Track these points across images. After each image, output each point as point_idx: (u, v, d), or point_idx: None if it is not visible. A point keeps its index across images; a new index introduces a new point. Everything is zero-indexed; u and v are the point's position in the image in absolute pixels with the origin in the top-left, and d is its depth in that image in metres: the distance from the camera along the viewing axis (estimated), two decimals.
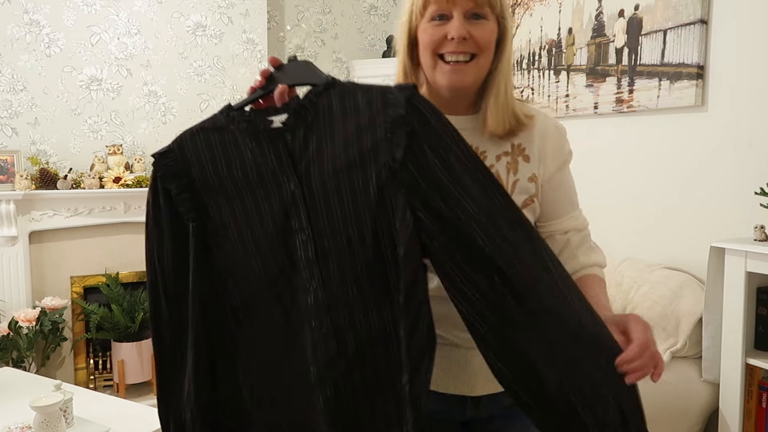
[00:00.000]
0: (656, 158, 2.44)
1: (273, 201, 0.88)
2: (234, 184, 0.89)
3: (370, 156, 0.85)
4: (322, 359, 0.87)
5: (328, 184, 0.86)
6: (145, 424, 1.94)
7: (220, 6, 3.56)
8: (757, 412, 1.90)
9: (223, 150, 0.90)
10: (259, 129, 0.88)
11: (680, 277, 2.20)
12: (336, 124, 0.87)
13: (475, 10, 0.94)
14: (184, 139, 0.92)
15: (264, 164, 0.88)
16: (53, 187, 3.11)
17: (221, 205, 0.90)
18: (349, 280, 0.86)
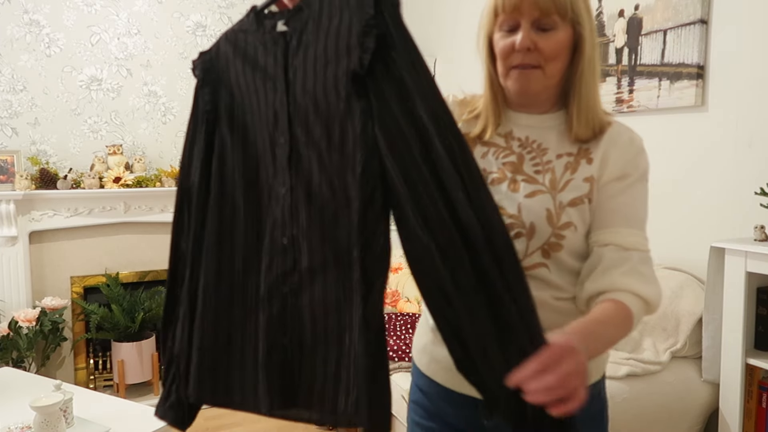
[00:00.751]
0: (656, 158, 2.43)
1: (269, 101, 0.91)
2: (246, 81, 0.94)
3: (343, 61, 0.84)
4: (275, 272, 0.90)
5: (307, 90, 0.87)
6: (145, 424, 1.94)
7: (220, 6, 3.56)
8: (757, 412, 1.90)
9: (243, 49, 0.95)
10: (266, 30, 0.92)
11: (680, 277, 2.20)
12: (322, 25, 0.86)
13: (542, 19, 0.94)
14: (220, 40, 1.00)
15: (268, 66, 0.92)
16: (53, 187, 3.11)
17: (236, 99, 0.95)
18: (313, 192, 0.87)
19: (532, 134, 1.02)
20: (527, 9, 0.93)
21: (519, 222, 0.97)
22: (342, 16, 0.84)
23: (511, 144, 1.03)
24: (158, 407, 1.06)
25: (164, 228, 3.45)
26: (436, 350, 1.06)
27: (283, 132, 0.89)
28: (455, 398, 1.04)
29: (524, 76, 0.97)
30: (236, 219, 0.95)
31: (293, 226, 0.89)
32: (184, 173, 0.99)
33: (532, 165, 1.00)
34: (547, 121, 1.03)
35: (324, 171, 0.86)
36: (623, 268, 0.92)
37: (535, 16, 0.93)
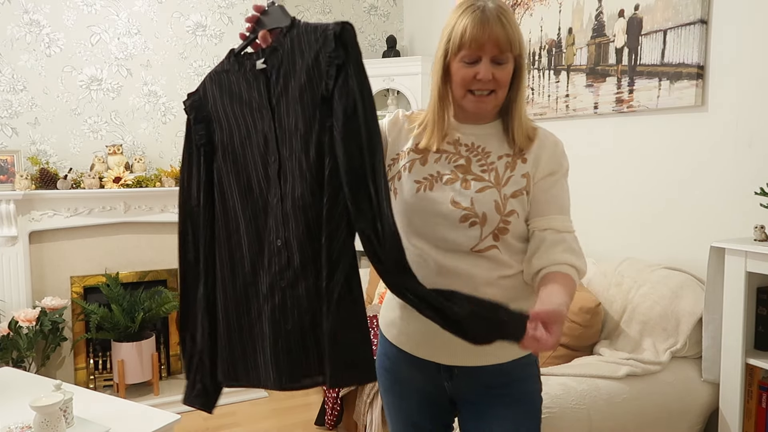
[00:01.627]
0: (656, 158, 2.44)
1: (258, 129, 1.09)
2: (234, 114, 1.12)
3: (315, 87, 1.02)
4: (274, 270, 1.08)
5: (290, 114, 1.04)
6: (145, 424, 1.94)
7: (220, 6, 3.56)
8: (757, 412, 1.90)
9: (228, 89, 1.13)
10: (247, 70, 1.10)
11: (680, 277, 2.20)
12: (296, 61, 1.04)
13: (499, 56, 1.15)
14: (205, 81, 1.17)
15: (253, 99, 1.09)
16: (53, 187, 3.11)
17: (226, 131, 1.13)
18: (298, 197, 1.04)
19: (476, 140, 1.24)
20: (489, 47, 1.13)
21: (473, 213, 1.19)
22: (310, 52, 1.02)
23: (459, 149, 1.24)
24: (186, 397, 1.24)
25: (164, 228, 3.45)
26: (404, 324, 1.28)
27: (273, 152, 1.06)
28: (421, 364, 1.28)
29: (482, 100, 1.18)
30: (240, 231, 1.12)
31: (285, 230, 1.07)
32: (185, 196, 1.17)
33: (478, 166, 1.22)
34: (488, 129, 1.26)
35: (305, 180, 1.04)
36: (561, 246, 1.18)
37: (494, 53, 1.14)
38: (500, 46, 1.13)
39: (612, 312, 2.32)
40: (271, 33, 1.09)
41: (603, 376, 1.97)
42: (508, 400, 1.26)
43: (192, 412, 3.16)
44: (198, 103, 1.16)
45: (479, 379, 1.26)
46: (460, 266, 1.19)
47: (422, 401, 1.35)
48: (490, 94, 1.18)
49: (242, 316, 1.14)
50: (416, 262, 1.22)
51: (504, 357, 1.25)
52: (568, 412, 1.83)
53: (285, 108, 1.05)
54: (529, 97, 3.05)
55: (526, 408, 1.28)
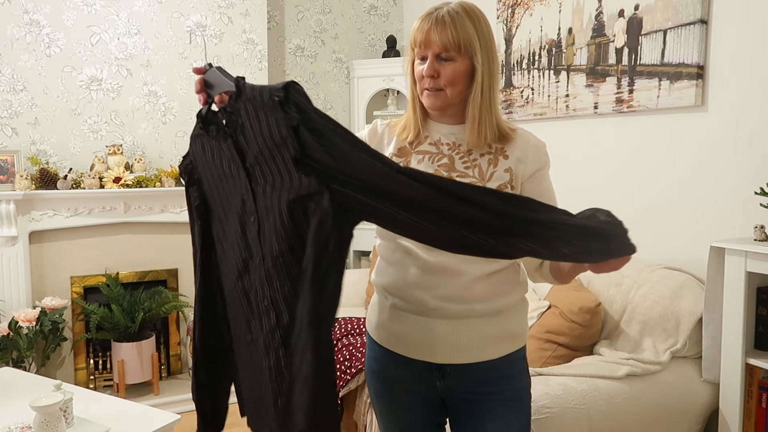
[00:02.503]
0: (656, 158, 2.44)
1: (237, 191, 1.07)
2: (214, 177, 1.12)
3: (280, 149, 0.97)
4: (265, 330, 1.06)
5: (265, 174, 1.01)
6: (145, 424, 1.94)
7: (220, 6, 3.56)
8: (757, 412, 1.90)
9: (203, 151, 1.13)
10: (214, 134, 1.08)
11: (680, 277, 2.20)
12: (255, 123, 1.00)
13: (443, 53, 1.20)
14: (191, 143, 1.17)
15: (225, 160, 1.08)
16: (53, 187, 3.11)
17: (213, 193, 1.14)
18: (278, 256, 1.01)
19: (457, 139, 1.28)
20: (432, 45, 1.20)
21: None
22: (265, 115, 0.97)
23: (441, 149, 1.27)
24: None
25: (164, 228, 3.45)
26: (393, 325, 1.30)
27: (252, 212, 1.05)
28: (412, 365, 1.29)
29: (432, 96, 1.24)
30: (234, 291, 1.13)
31: (270, 289, 1.04)
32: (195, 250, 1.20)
33: (461, 163, 1.25)
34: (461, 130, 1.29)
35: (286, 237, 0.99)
36: None
37: (437, 51, 1.20)
38: (442, 43, 1.19)
39: (612, 312, 2.32)
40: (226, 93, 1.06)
41: (603, 376, 1.97)
42: (500, 397, 1.27)
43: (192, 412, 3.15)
44: (190, 167, 1.18)
45: (471, 376, 1.27)
46: (449, 263, 1.21)
47: (414, 403, 1.35)
48: (439, 90, 1.23)
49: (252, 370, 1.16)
50: (403, 261, 1.25)
51: (494, 353, 1.27)
52: (568, 412, 1.83)
53: (260, 169, 1.01)
54: (529, 97, 3.05)
55: (518, 405, 1.30)
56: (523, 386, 1.32)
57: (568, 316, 2.25)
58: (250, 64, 3.65)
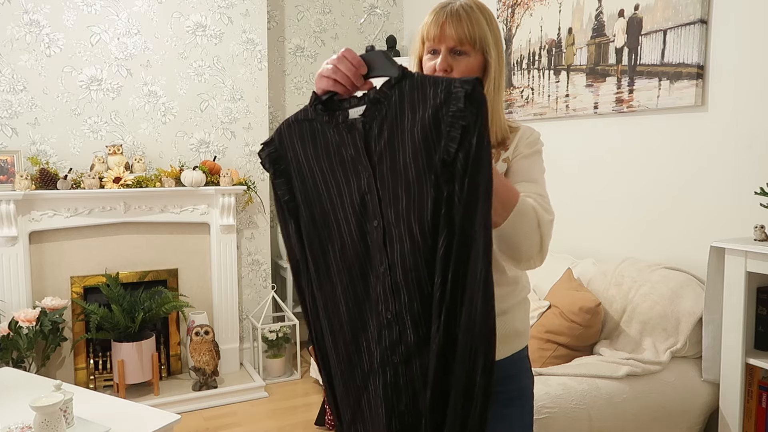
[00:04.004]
0: (656, 158, 2.44)
1: (353, 187, 0.98)
2: (321, 169, 1.01)
3: (432, 148, 0.91)
4: (384, 344, 0.97)
5: (397, 174, 0.93)
6: (145, 424, 1.94)
7: (220, 6, 3.56)
8: (757, 412, 1.90)
9: (312, 139, 1.02)
10: (339, 121, 0.99)
11: (680, 277, 2.20)
12: (406, 116, 0.93)
13: (457, 47, 1.17)
14: (282, 130, 1.06)
15: (345, 152, 0.98)
16: (53, 187, 3.11)
17: (311, 187, 1.02)
18: (410, 268, 0.93)
19: None
20: (446, 39, 1.17)
21: None
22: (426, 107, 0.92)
23: None
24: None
25: (164, 228, 3.45)
26: None
27: (375, 215, 0.96)
28: None
29: None
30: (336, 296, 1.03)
31: (396, 303, 0.96)
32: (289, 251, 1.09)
33: None
34: None
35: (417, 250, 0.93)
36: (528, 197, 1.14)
37: (451, 45, 1.17)
38: (457, 37, 1.17)
39: (612, 312, 2.32)
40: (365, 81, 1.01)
41: (603, 376, 1.97)
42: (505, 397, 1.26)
43: (192, 412, 3.16)
44: (275, 155, 1.06)
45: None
46: None
47: None
48: None
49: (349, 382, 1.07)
50: None
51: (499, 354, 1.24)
52: (568, 412, 1.83)
53: (389, 166, 0.94)
54: (529, 97, 3.05)
55: (523, 404, 1.30)
56: (526, 385, 1.32)
57: (568, 316, 2.25)
58: (250, 64, 3.65)
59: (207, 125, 3.58)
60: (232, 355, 3.60)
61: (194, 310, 3.53)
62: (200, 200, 3.45)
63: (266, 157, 1.06)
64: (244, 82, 3.64)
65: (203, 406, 3.21)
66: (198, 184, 3.35)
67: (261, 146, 1.08)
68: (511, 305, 1.28)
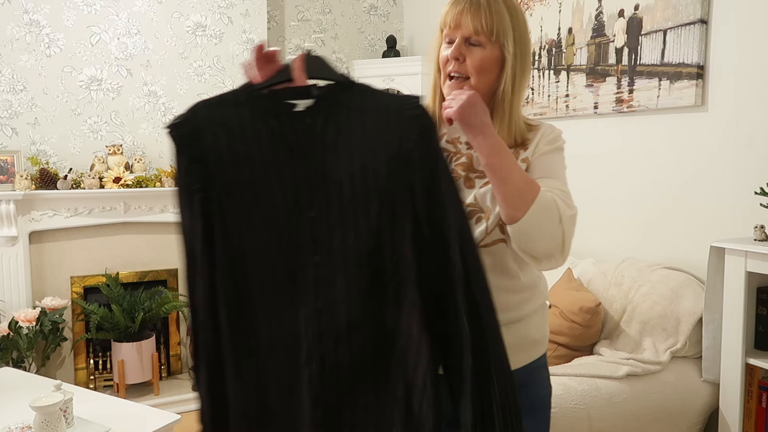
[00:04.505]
0: (656, 158, 2.44)
1: (285, 178, 0.92)
2: (248, 158, 0.92)
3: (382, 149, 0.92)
4: (312, 334, 0.91)
5: (343, 171, 0.91)
6: (145, 424, 1.94)
7: (220, 6, 3.56)
8: (757, 412, 1.90)
9: (240, 125, 0.93)
10: (281, 109, 0.93)
11: (680, 277, 2.20)
12: (355, 120, 0.93)
13: (473, 37, 1.13)
14: (198, 110, 0.94)
15: (280, 143, 0.92)
16: (53, 187, 3.11)
17: (232, 178, 0.92)
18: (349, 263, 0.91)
19: None
20: (462, 27, 1.13)
21: (477, 207, 1.15)
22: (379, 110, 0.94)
23: (459, 148, 1.21)
24: None
25: (164, 228, 3.45)
26: None
27: (312, 206, 0.91)
28: None
29: (456, 84, 1.16)
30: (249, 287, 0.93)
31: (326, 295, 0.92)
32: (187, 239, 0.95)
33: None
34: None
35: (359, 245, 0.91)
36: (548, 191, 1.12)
37: (466, 34, 1.13)
38: (473, 27, 1.12)
39: (612, 312, 2.32)
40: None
41: (603, 376, 1.97)
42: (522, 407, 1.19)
43: (192, 412, 3.16)
44: (189, 138, 0.93)
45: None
46: None
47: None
48: (465, 80, 1.15)
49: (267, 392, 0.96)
50: None
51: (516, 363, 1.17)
52: (568, 412, 1.83)
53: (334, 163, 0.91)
54: (529, 97, 3.05)
55: (539, 415, 1.25)
56: (544, 395, 1.26)
57: (568, 316, 2.25)
58: None
59: None
60: None
61: None
62: None
63: (178, 137, 0.94)
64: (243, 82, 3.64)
65: None
66: None
67: (170, 126, 0.94)
68: (528, 313, 1.22)
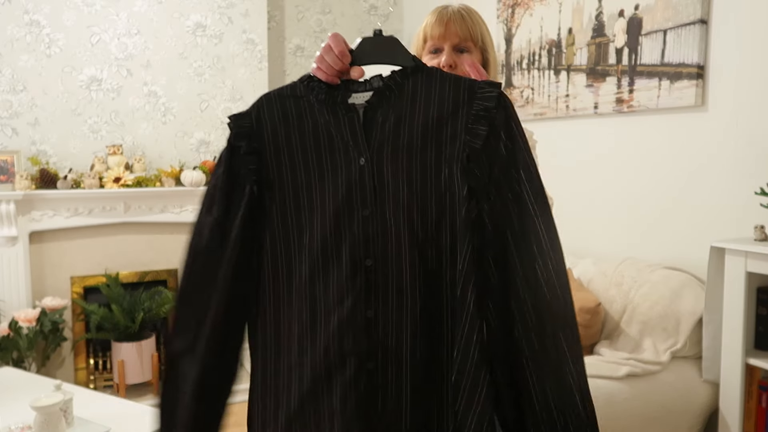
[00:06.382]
0: (656, 158, 2.44)
1: (339, 173, 0.89)
2: (304, 151, 0.91)
3: (447, 143, 0.87)
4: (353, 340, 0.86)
5: (400, 165, 0.88)
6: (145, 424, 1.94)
7: (220, 6, 3.55)
8: (757, 412, 1.90)
9: (298, 118, 0.92)
10: (338, 102, 0.91)
11: (680, 277, 2.20)
12: (418, 108, 0.89)
13: (461, 44, 1.23)
14: (261, 104, 0.94)
15: (337, 136, 0.90)
16: (53, 187, 3.11)
17: (287, 170, 0.91)
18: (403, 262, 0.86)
19: None
20: (449, 36, 1.23)
21: None
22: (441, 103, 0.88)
23: None
24: None
25: (164, 228, 3.45)
26: None
27: (366, 204, 0.88)
28: None
29: None
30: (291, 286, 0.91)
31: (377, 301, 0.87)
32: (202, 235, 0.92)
33: None
34: None
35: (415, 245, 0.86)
36: None
37: (455, 42, 1.23)
38: (459, 34, 1.23)
39: (612, 312, 2.32)
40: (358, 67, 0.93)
41: (603, 376, 1.97)
42: None
43: None
44: (249, 131, 0.93)
45: None
46: None
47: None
48: None
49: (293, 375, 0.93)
50: None
51: None
52: None
53: (390, 156, 0.88)
54: (529, 97, 3.05)
55: None
56: None
57: None
58: (250, 64, 3.65)
59: (207, 125, 3.58)
60: None
61: None
62: None
63: (237, 131, 0.93)
64: (244, 82, 3.64)
65: None
66: (198, 184, 3.35)
67: (232, 118, 0.95)
68: None
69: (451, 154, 0.87)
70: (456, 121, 0.87)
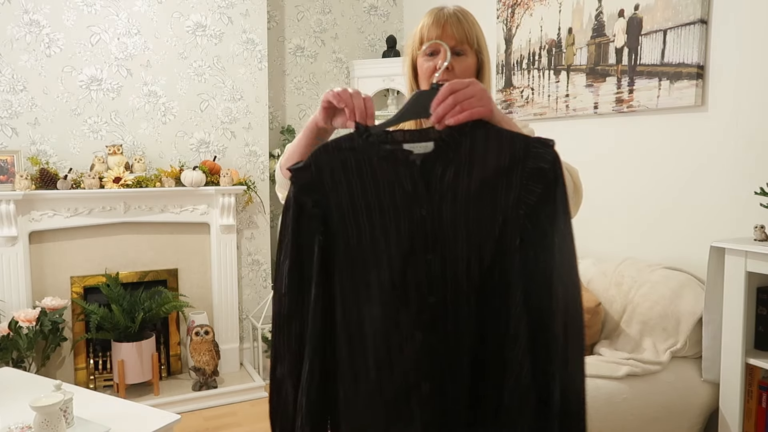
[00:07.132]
0: (656, 158, 2.44)
1: (402, 223, 0.95)
2: (366, 204, 0.95)
3: (502, 195, 0.93)
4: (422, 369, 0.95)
5: (458, 215, 0.94)
6: (145, 424, 1.94)
7: (220, 6, 3.56)
8: (757, 412, 1.90)
9: (359, 171, 0.96)
10: (398, 157, 0.95)
11: (680, 277, 2.20)
12: (476, 162, 0.94)
13: (457, 47, 1.23)
14: (319, 156, 0.97)
15: (398, 188, 0.95)
16: (53, 187, 3.11)
17: (350, 222, 0.96)
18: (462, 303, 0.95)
19: None
20: (446, 38, 1.22)
21: None
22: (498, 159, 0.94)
23: None
24: None
25: (164, 228, 3.45)
26: None
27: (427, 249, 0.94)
28: None
29: None
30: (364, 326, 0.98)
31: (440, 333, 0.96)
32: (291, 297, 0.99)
33: None
34: None
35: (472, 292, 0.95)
36: None
37: (452, 44, 1.22)
38: (456, 36, 1.22)
39: (612, 312, 2.32)
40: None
41: (603, 376, 1.97)
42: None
43: (192, 412, 3.16)
44: (311, 183, 0.96)
45: None
46: None
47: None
48: None
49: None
50: None
51: None
52: None
53: (449, 207, 0.94)
54: (529, 97, 3.05)
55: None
56: None
57: None
58: (250, 64, 3.65)
59: (207, 125, 3.58)
60: (232, 355, 3.60)
61: (194, 310, 3.53)
62: (200, 200, 3.45)
63: (300, 186, 0.96)
64: (244, 82, 3.64)
65: (203, 406, 3.21)
66: (198, 184, 3.36)
67: (293, 171, 0.97)
68: None
69: (506, 205, 0.93)
70: (512, 175, 0.93)
